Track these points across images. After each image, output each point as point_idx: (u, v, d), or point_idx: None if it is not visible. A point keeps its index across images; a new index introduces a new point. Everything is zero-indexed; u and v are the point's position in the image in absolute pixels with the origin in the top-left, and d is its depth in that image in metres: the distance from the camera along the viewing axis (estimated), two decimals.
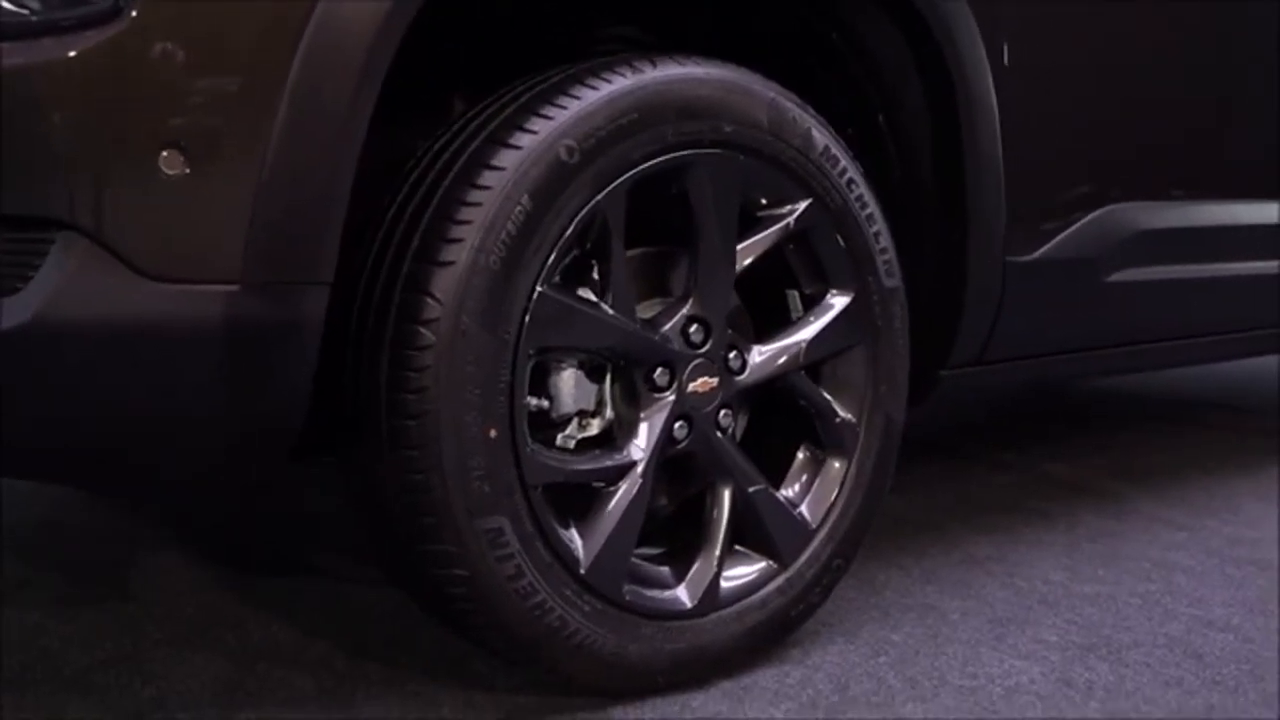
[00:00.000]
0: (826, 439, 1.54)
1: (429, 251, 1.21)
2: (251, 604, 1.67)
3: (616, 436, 1.39)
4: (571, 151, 1.26)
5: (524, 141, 1.24)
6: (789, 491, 1.53)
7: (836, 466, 1.54)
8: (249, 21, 1.07)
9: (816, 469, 1.54)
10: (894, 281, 1.54)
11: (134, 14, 1.03)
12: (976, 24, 1.60)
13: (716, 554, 1.44)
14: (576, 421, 1.38)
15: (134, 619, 1.62)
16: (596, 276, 1.35)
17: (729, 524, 1.45)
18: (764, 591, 1.48)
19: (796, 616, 1.51)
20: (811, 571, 1.51)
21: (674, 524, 1.49)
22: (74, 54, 1.01)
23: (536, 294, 1.26)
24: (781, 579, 1.49)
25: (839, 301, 1.51)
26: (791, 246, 1.48)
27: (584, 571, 1.32)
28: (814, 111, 1.46)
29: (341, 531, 2.02)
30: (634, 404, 1.39)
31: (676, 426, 1.40)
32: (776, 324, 1.51)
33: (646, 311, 1.41)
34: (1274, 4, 2.07)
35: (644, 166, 1.32)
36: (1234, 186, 2.12)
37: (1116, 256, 1.88)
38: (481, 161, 1.23)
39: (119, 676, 1.44)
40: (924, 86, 1.64)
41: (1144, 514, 2.21)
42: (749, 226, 1.44)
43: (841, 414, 1.53)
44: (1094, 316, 1.94)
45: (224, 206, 1.08)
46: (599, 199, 1.29)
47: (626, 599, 1.36)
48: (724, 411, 1.44)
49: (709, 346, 1.41)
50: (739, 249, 1.43)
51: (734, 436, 1.49)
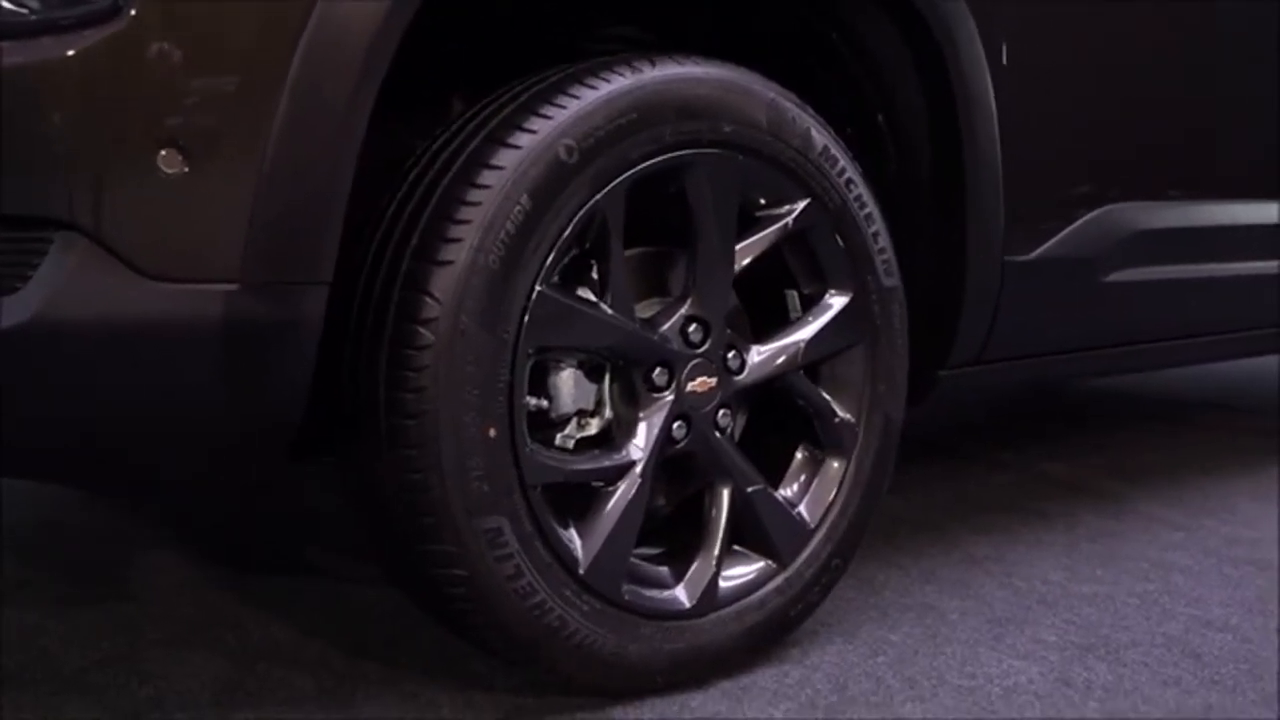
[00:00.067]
0: (825, 439, 1.54)
1: (428, 251, 1.21)
2: (250, 603, 1.67)
3: (615, 436, 1.39)
4: (570, 151, 1.26)
5: (523, 141, 1.24)
6: (787, 491, 1.53)
7: (835, 466, 1.54)
8: (249, 20, 1.07)
9: (815, 469, 1.54)
10: (893, 281, 1.54)
11: (133, 13, 1.03)
12: (975, 24, 1.60)
13: (715, 554, 1.44)
14: (575, 421, 1.38)
15: (132, 619, 1.61)
16: (595, 276, 1.35)
17: (728, 524, 1.45)
18: (763, 591, 1.48)
19: (795, 616, 1.52)
20: (810, 571, 1.51)
21: (673, 524, 1.49)
22: (73, 53, 1.01)
23: (535, 293, 1.26)
24: (780, 579, 1.49)
25: (838, 301, 1.51)
26: (790, 246, 1.48)
27: (583, 571, 1.32)
28: (813, 111, 1.46)
29: (341, 531, 2.02)
30: (633, 404, 1.39)
31: (675, 426, 1.40)
32: (775, 324, 1.51)
33: (645, 311, 1.41)
34: (1274, 4, 2.08)
35: (643, 166, 1.32)
36: (1232, 187, 2.13)
37: (1115, 256, 1.88)
38: (481, 161, 1.23)
39: (116, 676, 1.44)
40: (923, 86, 1.64)
41: (1142, 514, 2.21)
42: (748, 226, 1.44)
43: (840, 414, 1.53)
44: (1092, 316, 1.94)
45: (223, 205, 1.08)
46: (598, 198, 1.29)
47: (625, 599, 1.36)
48: (723, 411, 1.44)
49: (708, 346, 1.41)
50: (738, 249, 1.43)
51: (733, 436, 1.49)
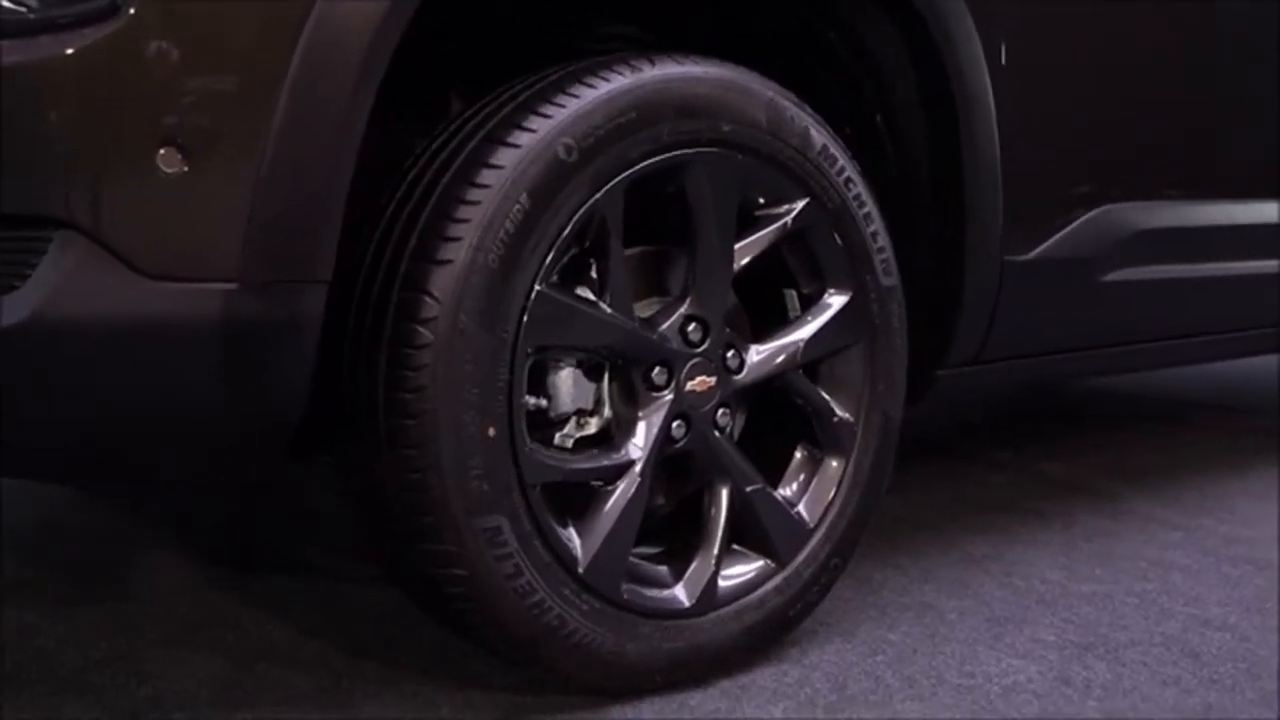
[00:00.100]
0: (824, 438, 1.54)
1: (427, 250, 1.21)
2: (249, 603, 1.67)
3: (614, 435, 1.39)
4: (570, 150, 1.26)
5: (522, 140, 1.24)
6: (787, 491, 1.53)
7: (834, 465, 1.54)
8: (248, 19, 1.07)
9: (814, 468, 1.54)
10: (891, 280, 1.54)
11: (132, 11, 1.02)
12: (974, 23, 1.60)
13: (714, 553, 1.44)
14: (575, 420, 1.38)
15: (130, 618, 1.61)
16: (595, 275, 1.35)
17: (727, 523, 1.45)
18: (762, 590, 1.48)
19: (794, 615, 1.51)
20: (809, 570, 1.51)
21: (672, 523, 1.49)
22: (72, 51, 1.01)
23: (535, 293, 1.26)
24: (779, 578, 1.49)
25: (836, 300, 1.51)
26: (789, 245, 1.48)
27: (582, 570, 1.32)
28: (812, 110, 1.46)
29: (340, 531, 2.02)
30: (632, 403, 1.39)
31: (674, 425, 1.40)
32: (774, 323, 1.51)
33: (644, 310, 1.41)
34: (1273, 4, 2.08)
35: (642, 165, 1.32)
36: (1231, 186, 2.13)
37: (1113, 256, 1.88)
38: (480, 160, 1.23)
39: (115, 676, 1.44)
40: (921, 85, 1.64)
41: (1140, 513, 2.21)
42: (747, 225, 1.44)
43: (839, 413, 1.53)
44: (1090, 316, 1.94)
45: (222, 205, 1.08)
46: (597, 198, 1.29)
47: (625, 598, 1.36)
48: (722, 410, 1.44)
49: (707, 345, 1.41)
50: (737, 248, 1.43)
51: (732, 435, 1.49)
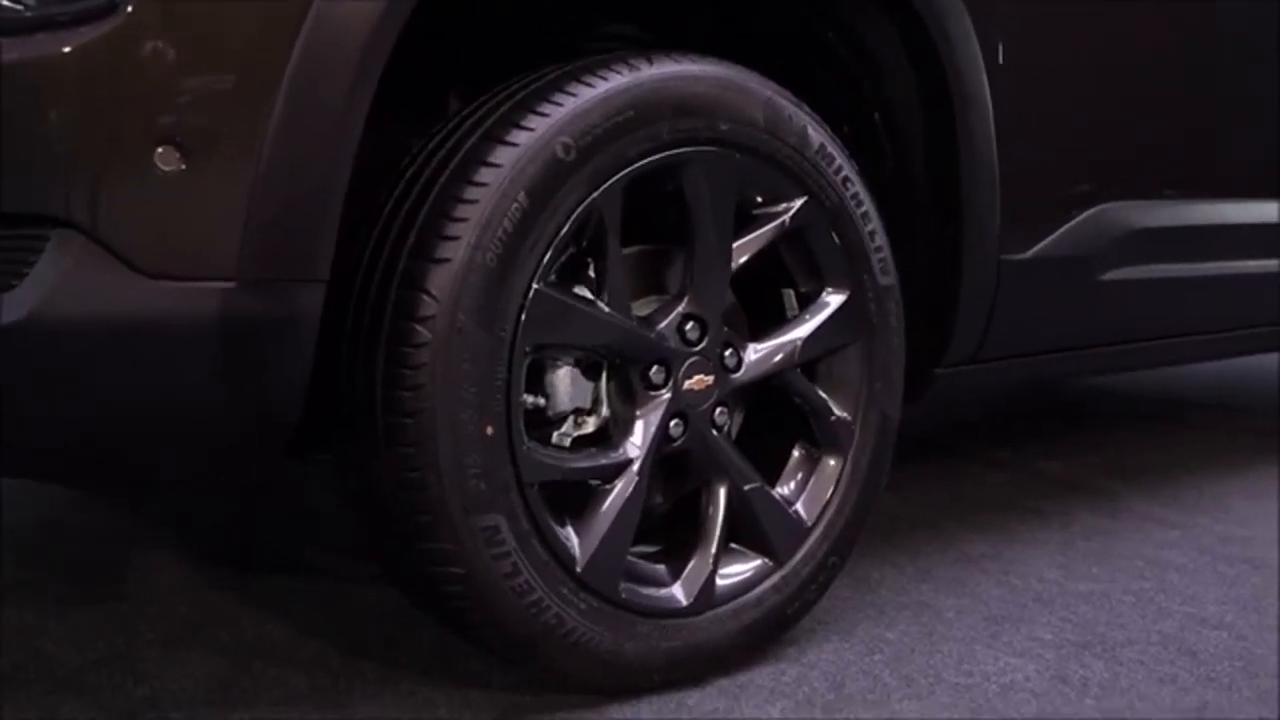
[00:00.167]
0: (822, 437, 1.54)
1: (425, 249, 1.21)
2: (247, 603, 1.67)
3: (612, 434, 1.39)
4: (568, 149, 1.26)
5: (521, 139, 1.24)
6: (784, 489, 1.53)
7: (832, 464, 1.54)
8: (246, 18, 1.07)
9: (812, 467, 1.54)
10: (889, 279, 1.54)
11: (130, 9, 1.02)
12: (972, 23, 1.60)
13: (712, 552, 1.44)
14: (572, 419, 1.38)
15: (129, 618, 1.61)
16: (593, 274, 1.35)
17: (725, 522, 1.45)
18: (760, 589, 1.48)
19: (792, 614, 1.51)
20: (807, 569, 1.51)
21: (670, 522, 1.49)
22: (69, 50, 1.01)
23: (533, 291, 1.26)
24: (777, 577, 1.49)
25: (834, 299, 1.51)
26: (787, 244, 1.48)
27: (580, 569, 1.32)
28: (810, 109, 1.46)
29: (339, 530, 2.02)
30: (630, 402, 1.39)
31: (672, 424, 1.40)
32: (772, 322, 1.51)
33: (642, 309, 1.41)
34: (1273, 3, 2.08)
35: (640, 164, 1.32)
36: (1229, 186, 2.13)
37: (1111, 255, 1.88)
38: (478, 159, 1.23)
39: (113, 676, 1.44)
40: (919, 84, 1.64)
41: (1137, 512, 2.21)
42: (745, 224, 1.44)
43: (837, 412, 1.53)
44: (1088, 315, 1.94)
45: (220, 203, 1.08)
46: (595, 196, 1.29)
47: (622, 597, 1.36)
48: (719, 409, 1.44)
49: (705, 344, 1.41)
50: (734, 247, 1.43)
51: (729, 434, 1.49)
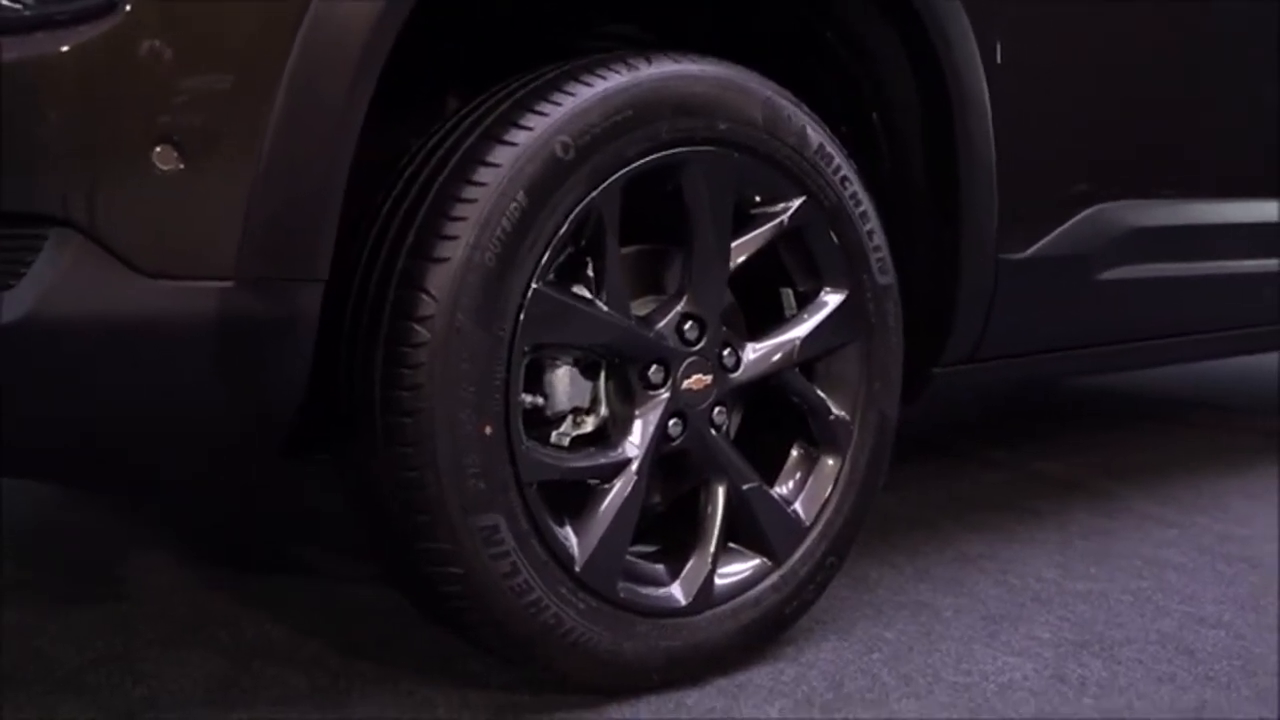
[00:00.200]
0: (820, 436, 1.54)
1: (424, 248, 1.21)
2: (246, 603, 1.67)
3: (611, 434, 1.39)
4: (567, 148, 1.25)
5: (519, 138, 1.24)
6: (783, 489, 1.53)
7: (830, 464, 1.54)
8: (245, 17, 1.07)
9: (810, 466, 1.54)
10: (887, 279, 1.54)
11: (128, 9, 1.02)
12: (971, 23, 1.61)
13: (711, 551, 1.44)
14: (571, 419, 1.38)
15: (127, 618, 1.61)
16: (591, 274, 1.35)
17: (723, 521, 1.45)
18: (758, 589, 1.48)
19: (790, 614, 1.52)
20: (805, 569, 1.51)
21: (668, 521, 1.49)
22: (68, 48, 1.01)
23: (531, 291, 1.26)
24: (775, 576, 1.49)
25: (833, 299, 1.51)
26: (785, 244, 1.48)
27: (579, 569, 1.32)
28: (808, 109, 1.47)
29: (338, 530, 2.02)
30: (628, 401, 1.39)
31: (671, 424, 1.40)
32: (770, 321, 1.51)
33: (641, 309, 1.41)
34: (1272, 3, 2.08)
35: (639, 163, 1.32)
36: (1227, 185, 2.13)
37: (1109, 254, 1.88)
38: (477, 158, 1.23)
39: (111, 676, 1.44)
40: (918, 84, 1.64)
41: (1135, 512, 2.21)
42: (743, 224, 1.44)
43: (835, 411, 1.54)
44: (1086, 314, 1.95)
45: (219, 202, 1.07)
46: (594, 196, 1.29)
47: (621, 596, 1.36)
48: (718, 409, 1.44)
49: (703, 344, 1.41)
50: (733, 246, 1.43)
51: (728, 434, 1.49)
